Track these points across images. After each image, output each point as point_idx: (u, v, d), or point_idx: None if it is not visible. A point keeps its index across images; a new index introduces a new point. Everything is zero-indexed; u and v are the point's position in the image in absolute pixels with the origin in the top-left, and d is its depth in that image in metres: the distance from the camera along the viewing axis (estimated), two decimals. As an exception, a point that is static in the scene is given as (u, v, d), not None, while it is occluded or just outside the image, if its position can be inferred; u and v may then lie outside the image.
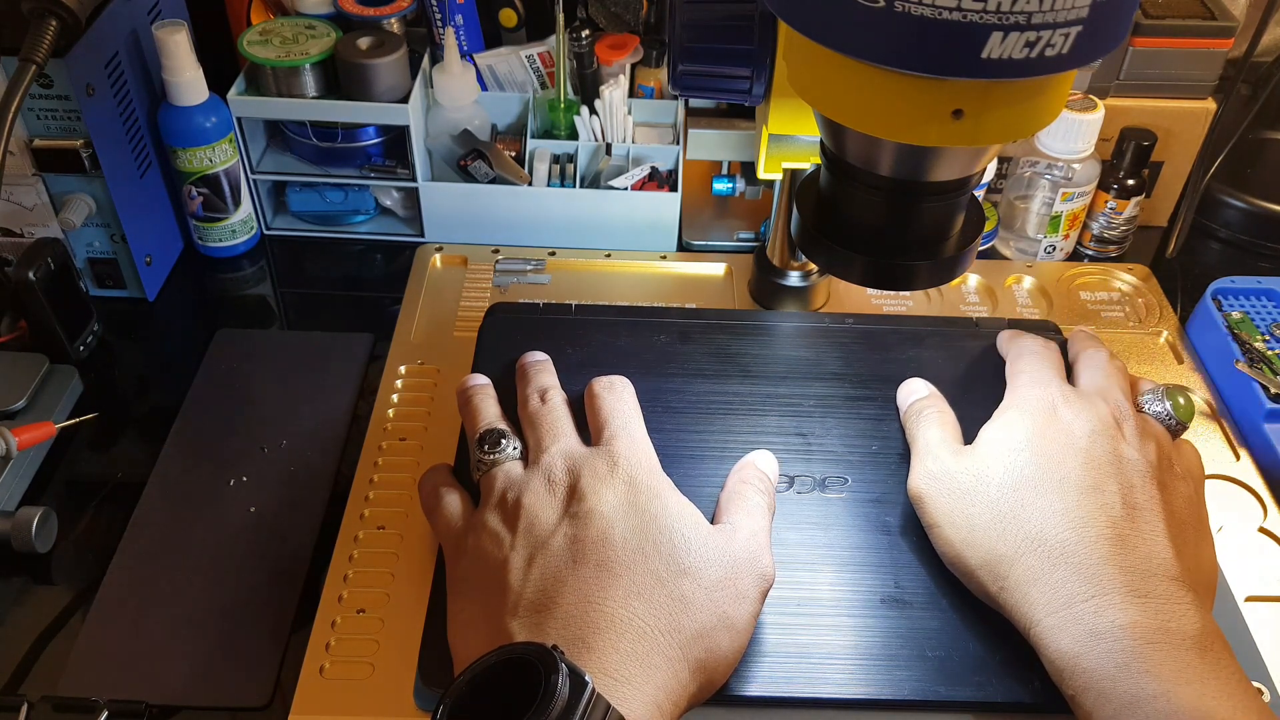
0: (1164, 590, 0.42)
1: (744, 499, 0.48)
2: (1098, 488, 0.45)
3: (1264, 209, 0.77)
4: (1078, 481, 0.45)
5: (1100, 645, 0.41)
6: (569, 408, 0.52)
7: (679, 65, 0.50)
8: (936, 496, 0.49)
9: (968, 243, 0.46)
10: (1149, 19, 0.71)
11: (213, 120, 0.68)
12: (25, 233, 0.66)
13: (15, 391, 0.59)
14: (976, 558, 0.46)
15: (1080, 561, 0.43)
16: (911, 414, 0.54)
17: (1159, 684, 0.39)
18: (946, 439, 0.51)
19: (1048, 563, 0.43)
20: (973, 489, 0.47)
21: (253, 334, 0.68)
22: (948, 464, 0.49)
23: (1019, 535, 0.45)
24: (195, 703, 0.48)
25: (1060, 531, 0.44)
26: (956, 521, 0.47)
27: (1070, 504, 0.45)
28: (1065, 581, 0.43)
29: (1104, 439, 0.47)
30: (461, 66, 0.71)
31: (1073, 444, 0.47)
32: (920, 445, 0.52)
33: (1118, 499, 0.45)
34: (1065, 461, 0.46)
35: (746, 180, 0.76)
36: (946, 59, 0.35)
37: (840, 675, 0.46)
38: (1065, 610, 0.42)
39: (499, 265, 0.71)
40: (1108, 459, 0.46)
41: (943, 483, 0.49)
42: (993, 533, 0.46)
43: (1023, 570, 0.44)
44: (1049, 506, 0.45)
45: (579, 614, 0.41)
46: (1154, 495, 0.45)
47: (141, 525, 0.55)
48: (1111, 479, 0.45)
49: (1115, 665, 0.40)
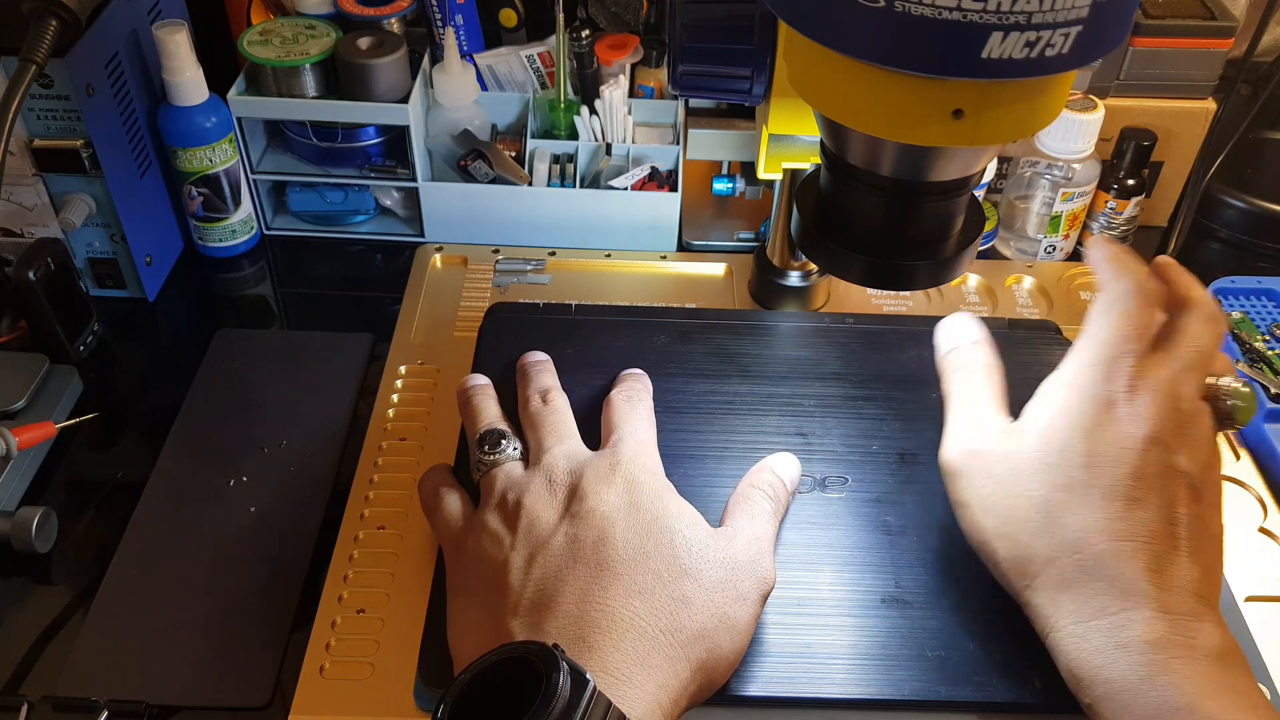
0: (1190, 607, 0.41)
1: (750, 503, 0.48)
2: (1143, 501, 0.43)
3: (1264, 209, 0.77)
4: (1125, 492, 0.43)
5: (1125, 658, 0.40)
6: (570, 409, 0.52)
7: (679, 65, 0.50)
8: (973, 476, 0.46)
9: (968, 243, 0.46)
10: (1149, 19, 0.71)
11: (213, 120, 0.68)
12: (25, 233, 0.66)
13: (15, 391, 0.59)
14: (1008, 551, 0.45)
15: (1115, 576, 0.42)
16: (954, 364, 0.49)
17: (1183, 697, 0.39)
18: (994, 406, 0.47)
19: (1082, 573, 0.42)
20: (1015, 479, 0.45)
21: (253, 334, 0.68)
22: (992, 441, 0.46)
23: (1056, 539, 0.43)
24: (195, 703, 0.48)
25: (1100, 543, 0.43)
26: (991, 508, 0.45)
27: (1114, 515, 0.43)
28: (1097, 594, 0.42)
29: (1159, 449, 0.43)
30: (461, 66, 0.72)
31: (1126, 450, 0.43)
32: (961, 409, 0.48)
33: (1160, 514, 0.43)
34: (1116, 468, 0.43)
35: (746, 180, 0.76)
36: (946, 59, 0.35)
37: (840, 675, 0.46)
38: (1092, 621, 0.42)
39: (499, 265, 0.71)
40: (1158, 471, 0.43)
41: (983, 462, 0.46)
42: (1029, 530, 0.44)
43: (1055, 574, 0.43)
44: (1091, 514, 0.43)
45: (579, 613, 0.41)
46: (1194, 511, 0.44)
47: (141, 525, 0.55)
48: (1158, 492, 0.43)
49: (1139, 678, 0.40)
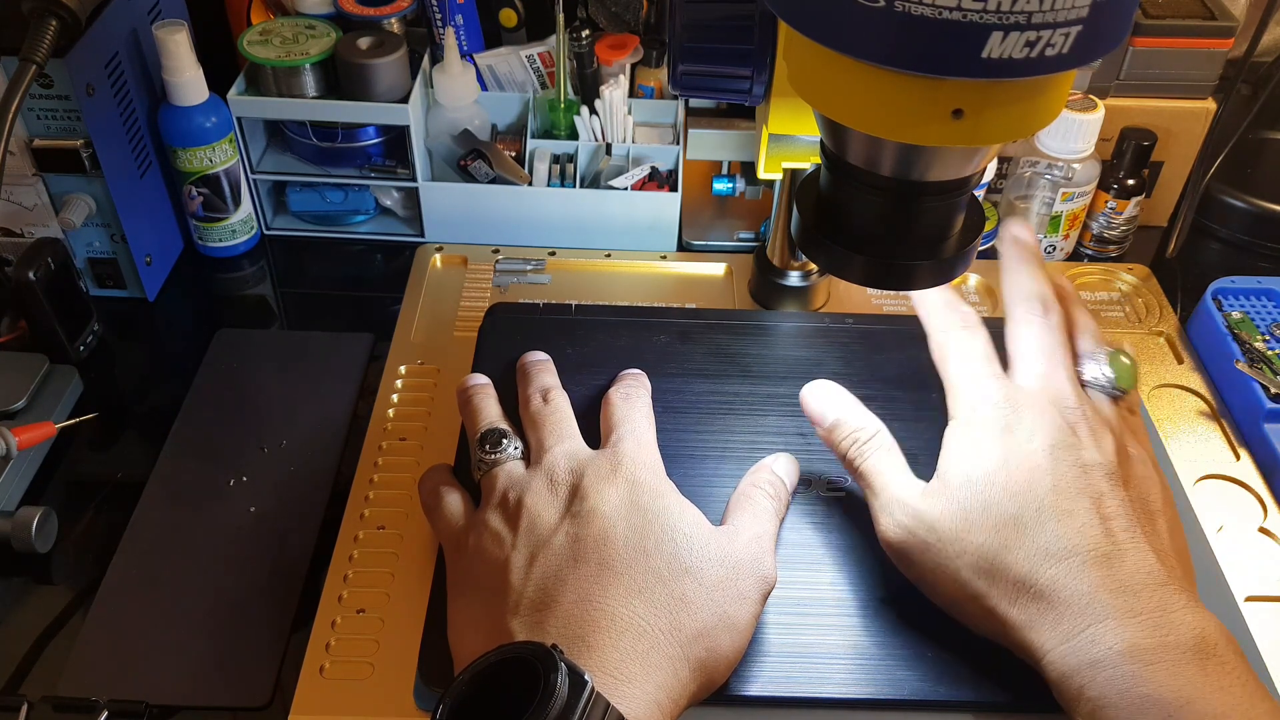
0: (1157, 602, 0.41)
1: (751, 502, 0.48)
2: (1071, 511, 0.44)
3: (1264, 209, 0.77)
4: (1053, 508, 0.44)
5: (1101, 674, 0.40)
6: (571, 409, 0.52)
7: (679, 65, 0.50)
8: (917, 551, 0.46)
9: (968, 243, 0.46)
10: (1149, 19, 0.71)
11: (213, 120, 0.68)
12: (25, 233, 0.66)
13: (15, 391, 0.59)
14: (974, 606, 0.45)
15: (1070, 596, 0.42)
16: (847, 445, 0.49)
17: (1161, 708, 0.39)
18: (906, 477, 0.47)
19: (1042, 603, 0.43)
20: (955, 538, 0.45)
21: (253, 334, 0.68)
22: (919, 509, 0.46)
23: (1010, 580, 0.43)
24: (195, 703, 0.48)
25: (1047, 570, 0.43)
26: (943, 574, 0.45)
27: (1051, 538, 0.43)
28: (1060, 619, 0.42)
29: (1064, 451, 0.45)
30: (461, 66, 0.72)
31: (1037, 466, 0.45)
32: (878, 487, 0.48)
33: (1092, 515, 0.44)
34: (1035, 488, 0.44)
35: (746, 180, 0.76)
36: (946, 59, 0.35)
37: (840, 675, 0.46)
38: (1065, 644, 0.42)
39: (499, 265, 0.71)
40: (1073, 474, 0.44)
41: (919, 535, 0.46)
42: (984, 580, 0.44)
43: (1020, 613, 0.43)
44: (1032, 545, 0.43)
45: (579, 613, 0.41)
46: (1121, 497, 0.44)
47: (141, 525, 0.55)
48: (1081, 495, 0.44)
49: (1117, 692, 0.40)
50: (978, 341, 0.50)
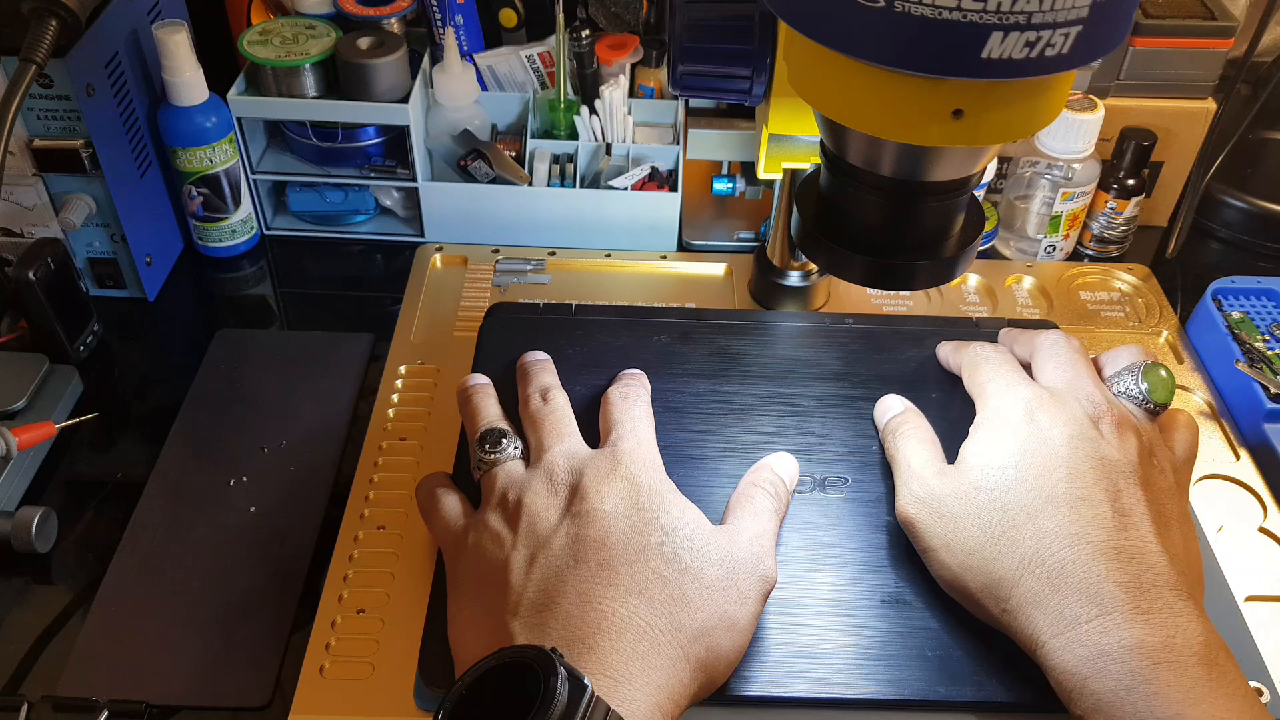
0: (1165, 604, 0.41)
1: (751, 501, 0.48)
2: (1086, 499, 0.44)
3: (1264, 209, 0.77)
4: (1066, 494, 0.44)
5: (1108, 667, 0.40)
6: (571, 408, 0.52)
7: (679, 65, 0.50)
8: (927, 521, 0.48)
9: (968, 243, 0.46)
10: (1149, 19, 0.71)
11: (213, 120, 0.68)
12: (25, 233, 0.66)
13: (15, 391, 0.59)
14: (976, 582, 0.45)
15: (1079, 581, 0.42)
16: (889, 432, 0.53)
17: (1168, 706, 0.39)
18: (929, 458, 0.50)
19: (1048, 585, 0.43)
20: (963, 512, 0.46)
21: (253, 334, 0.68)
22: (934, 486, 0.48)
23: (1015, 558, 0.44)
24: (195, 703, 0.48)
25: (1056, 552, 0.43)
26: (951, 546, 0.46)
27: (1063, 521, 0.44)
28: (1067, 603, 0.42)
29: (1084, 443, 0.46)
30: (461, 66, 0.72)
31: (1054, 454, 0.46)
32: (902, 466, 0.51)
33: (1107, 507, 0.44)
34: (1051, 475, 0.45)
35: (746, 180, 0.76)
36: (946, 59, 0.35)
37: (840, 675, 0.46)
38: (1070, 632, 0.42)
39: (499, 265, 0.71)
40: (1091, 465, 0.45)
41: (931, 507, 0.48)
42: (989, 556, 0.45)
43: (1023, 593, 0.43)
44: (1042, 526, 0.44)
45: (579, 614, 0.41)
46: (1139, 496, 0.45)
47: (141, 525, 0.55)
48: (1098, 486, 0.45)
49: (1124, 687, 0.40)
50: (1006, 355, 0.54)
